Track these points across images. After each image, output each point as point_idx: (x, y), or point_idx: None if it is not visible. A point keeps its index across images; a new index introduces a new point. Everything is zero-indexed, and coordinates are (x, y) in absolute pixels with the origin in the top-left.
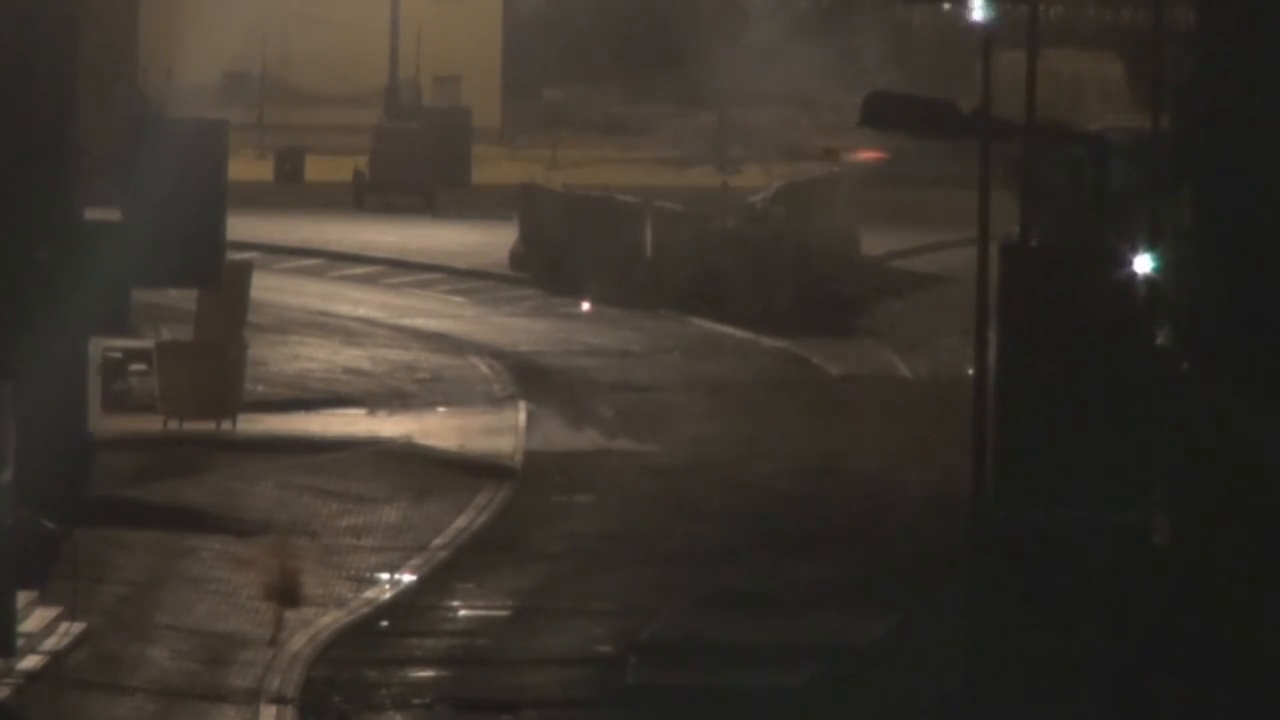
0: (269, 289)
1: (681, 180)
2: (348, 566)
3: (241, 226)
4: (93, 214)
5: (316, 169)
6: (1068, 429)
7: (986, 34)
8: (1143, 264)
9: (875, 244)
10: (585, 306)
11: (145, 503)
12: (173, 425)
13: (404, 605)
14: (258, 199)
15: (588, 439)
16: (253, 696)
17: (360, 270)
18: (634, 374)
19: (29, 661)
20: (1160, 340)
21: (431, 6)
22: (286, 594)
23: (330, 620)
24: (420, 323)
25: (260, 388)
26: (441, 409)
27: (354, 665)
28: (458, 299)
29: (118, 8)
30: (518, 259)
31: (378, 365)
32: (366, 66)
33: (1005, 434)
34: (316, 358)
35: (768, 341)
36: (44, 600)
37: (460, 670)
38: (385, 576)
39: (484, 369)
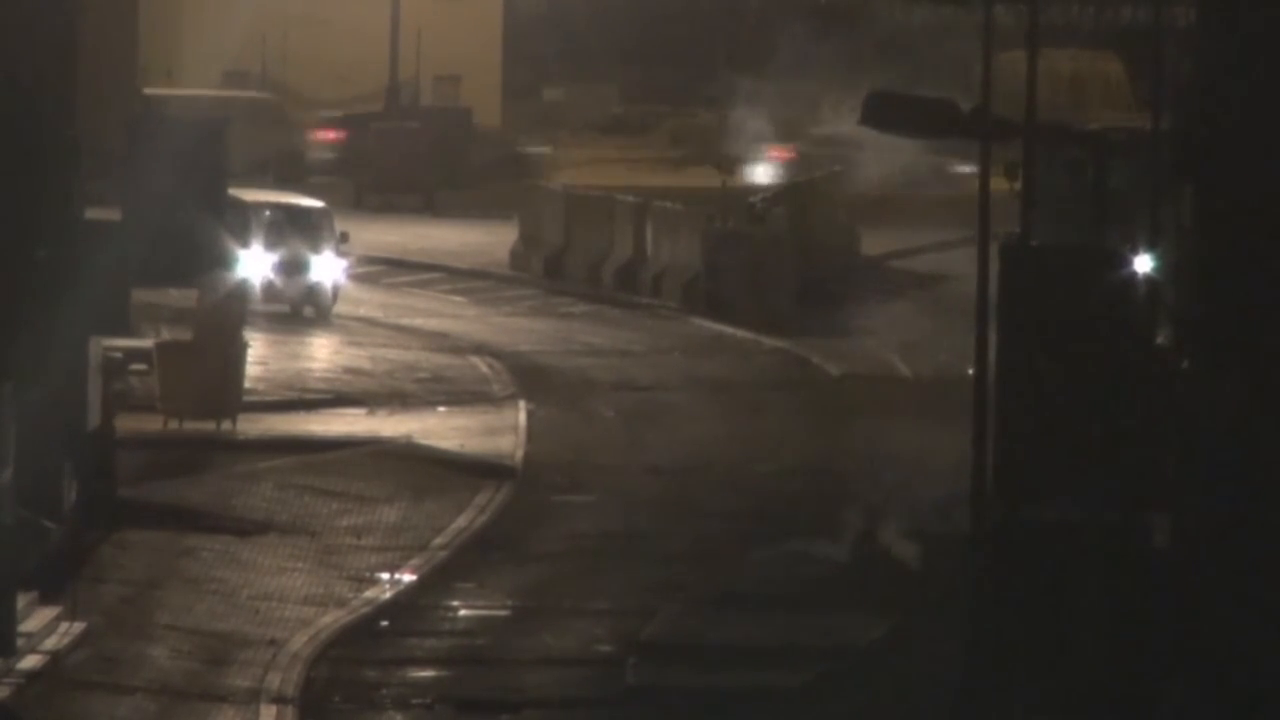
0: None
1: (681, 180)
2: (348, 566)
3: None
4: (93, 214)
5: None
6: (1068, 428)
7: (986, 34)
8: (1143, 264)
9: (875, 244)
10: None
11: (145, 503)
12: (173, 425)
13: (404, 605)
14: None
15: (588, 438)
16: (253, 696)
17: (360, 270)
18: (634, 374)
19: (29, 661)
20: (1160, 340)
21: (431, 7)
22: None
23: (330, 620)
24: (420, 322)
25: (260, 387)
26: (441, 409)
27: (354, 665)
28: (458, 298)
29: (118, 8)
30: (518, 259)
31: (378, 365)
32: (367, 67)
33: (1005, 434)
34: (316, 357)
35: (768, 341)
36: (44, 600)
37: (460, 670)
38: (385, 576)
39: (484, 368)
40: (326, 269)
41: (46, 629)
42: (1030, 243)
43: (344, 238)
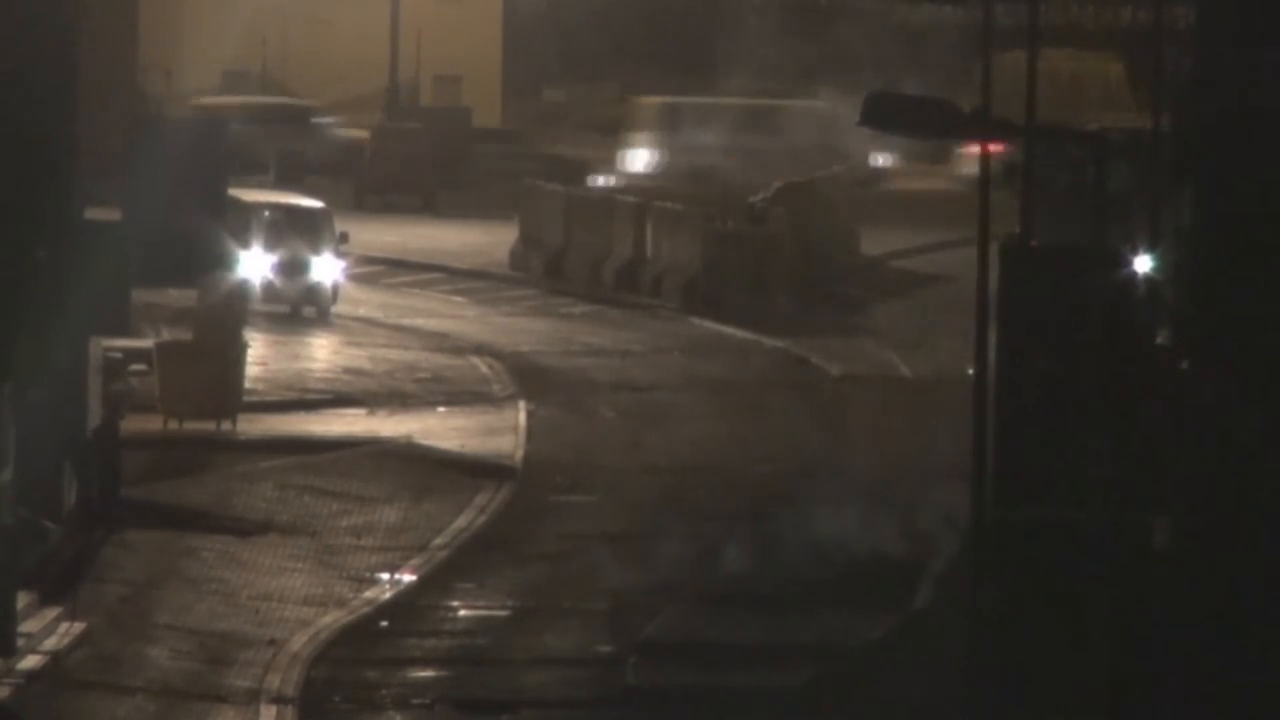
0: None
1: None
2: (348, 566)
3: None
4: (93, 214)
5: None
6: (1068, 429)
7: (986, 34)
8: (1143, 264)
9: (875, 244)
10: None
11: (145, 503)
12: (173, 425)
13: (404, 605)
14: None
15: (588, 439)
16: (253, 696)
17: (360, 270)
18: (634, 374)
19: (29, 661)
20: (1160, 340)
21: (432, 7)
22: None
23: (330, 620)
24: (420, 322)
25: (260, 388)
26: (441, 409)
27: (354, 665)
28: (458, 299)
29: (118, 8)
30: (518, 259)
31: (378, 365)
32: (367, 67)
33: (1005, 434)
34: (316, 358)
35: (768, 341)
36: (44, 600)
37: (460, 670)
38: (385, 576)
39: (484, 369)
40: (326, 269)
41: (46, 629)
42: (1030, 243)
43: (344, 238)
